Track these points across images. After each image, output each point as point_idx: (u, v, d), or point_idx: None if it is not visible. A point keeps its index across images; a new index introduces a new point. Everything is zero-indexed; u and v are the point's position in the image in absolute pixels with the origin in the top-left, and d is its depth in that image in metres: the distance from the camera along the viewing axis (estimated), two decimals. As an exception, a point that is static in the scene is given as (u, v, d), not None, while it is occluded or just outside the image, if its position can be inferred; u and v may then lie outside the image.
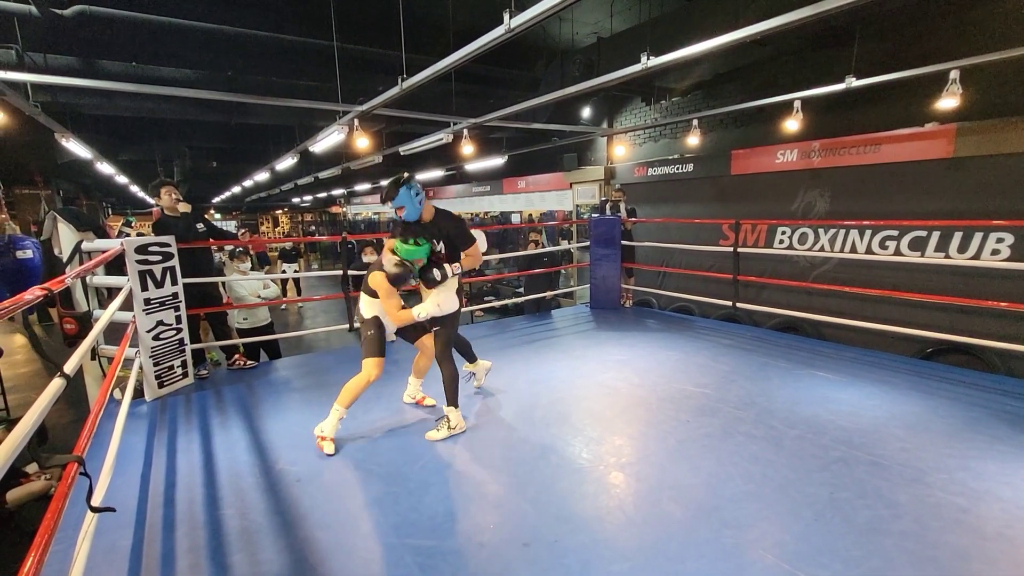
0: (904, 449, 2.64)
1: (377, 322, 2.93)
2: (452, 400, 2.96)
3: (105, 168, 8.17)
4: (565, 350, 4.53)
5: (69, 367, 1.69)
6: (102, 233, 4.40)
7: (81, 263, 3.65)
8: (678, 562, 1.86)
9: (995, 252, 4.28)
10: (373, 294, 2.87)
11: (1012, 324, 4.18)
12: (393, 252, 2.77)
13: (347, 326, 4.77)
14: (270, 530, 2.10)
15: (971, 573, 1.79)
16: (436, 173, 13.54)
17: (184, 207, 3.94)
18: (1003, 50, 3.85)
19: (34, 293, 1.46)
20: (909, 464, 2.49)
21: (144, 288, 3.42)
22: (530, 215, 12.90)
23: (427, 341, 3.17)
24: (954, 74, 4.09)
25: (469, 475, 2.50)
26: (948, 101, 4.17)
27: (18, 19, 4.89)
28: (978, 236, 4.35)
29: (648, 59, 3.87)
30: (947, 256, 4.49)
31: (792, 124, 5.40)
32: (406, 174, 2.80)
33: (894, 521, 2.06)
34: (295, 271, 9.94)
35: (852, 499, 2.21)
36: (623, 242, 5.96)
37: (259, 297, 5.04)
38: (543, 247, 6.32)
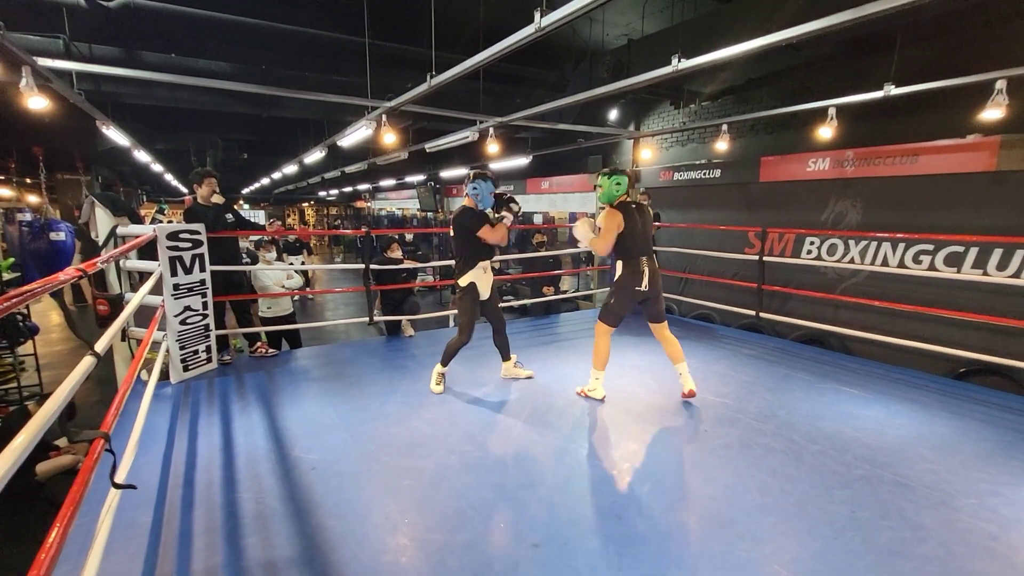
0: (932, 471, 2.54)
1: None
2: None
3: (142, 156, 8.43)
4: (583, 352, 4.49)
5: (100, 346, 1.74)
6: (137, 219, 4.54)
7: (115, 247, 3.77)
8: (690, 573, 1.82)
9: (1038, 271, 4.09)
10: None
11: (1052, 347, 3.99)
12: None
13: (366, 319, 4.83)
14: (284, 515, 2.13)
15: (999, 603, 1.71)
16: (460, 171, 13.60)
17: (218, 199, 4.05)
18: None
19: (69, 273, 1.51)
20: (936, 487, 2.40)
21: (174, 274, 3.52)
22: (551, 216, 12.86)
23: (662, 332, 3.55)
24: (1000, 84, 3.93)
25: (482, 472, 2.50)
26: (993, 112, 4.02)
27: (67, 9, 5.07)
28: (1019, 253, 4.16)
29: (679, 61, 3.81)
30: (985, 273, 4.31)
31: (826, 132, 5.26)
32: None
33: (918, 544, 1.99)
34: (301, 263, 10.07)
35: (874, 519, 2.14)
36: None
37: (283, 287, 5.14)
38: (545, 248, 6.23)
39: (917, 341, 4.15)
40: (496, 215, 3.46)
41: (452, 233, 3.49)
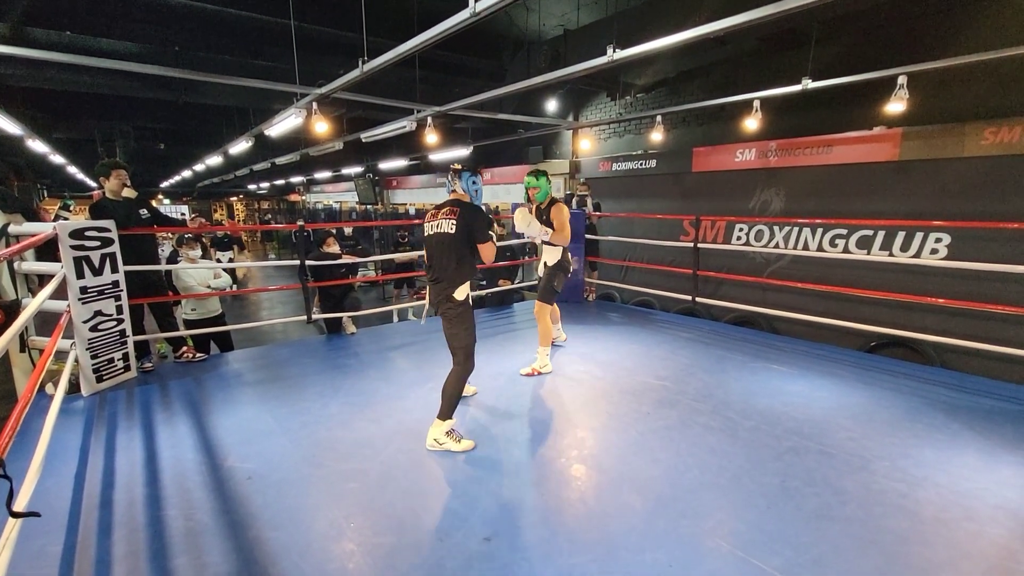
0: (850, 438, 2.75)
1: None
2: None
3: (38, 146, 7.59)
4: (529, 343, 4.51)
5: (-14, 360, 1.54)
6: (32, 216, 4.08)
7: (8, 247, 3.37)
8: (637, 552, 1.87)
9: (934, 251, 4.52)
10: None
11: (947, 319, 4.44)
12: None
13: (304, 317, 4.61)
14: (217, 531, 1.99)
15: (910, 555, 1.88)
16: (400, 163, 13.26)
17: (130, 193, 3.72)
18: (946, 58, 4.06)
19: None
20: (855, 453, 2.60)
21: (80, 276, 3.19)
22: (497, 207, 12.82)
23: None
24: (902, 79, 4.27)
25: (429, 469, 2.45)
26: (895, 105, 4.37)
27: (-66, -22, 4.45)
28: (919, 236, 4.58)
29: (614, 51, 3.87)
30: (891, 254, 4.71)
31: (751, 123, 5.54)
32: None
33: (841, 508, 2.15)
34: (230, 259, 9.47)
35: (802, 487, 2.29)
36: (587, 236, 5.99)
37: (209, 287, 4.81)
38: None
39: (834, 319, 4.48)
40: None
41: (449, 229, 2.64)
